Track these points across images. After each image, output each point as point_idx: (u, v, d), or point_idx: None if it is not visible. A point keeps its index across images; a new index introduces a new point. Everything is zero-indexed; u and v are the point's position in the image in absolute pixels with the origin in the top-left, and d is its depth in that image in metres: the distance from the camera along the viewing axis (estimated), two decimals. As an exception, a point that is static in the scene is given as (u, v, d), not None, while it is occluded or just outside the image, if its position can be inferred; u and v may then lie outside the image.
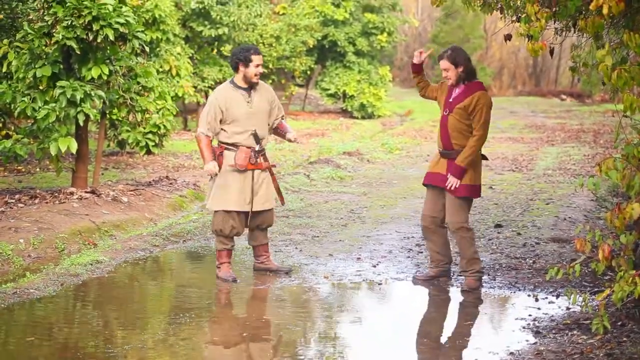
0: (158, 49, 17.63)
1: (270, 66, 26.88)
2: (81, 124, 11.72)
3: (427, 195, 8.66)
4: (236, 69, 8.63)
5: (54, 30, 11.14)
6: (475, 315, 7.83)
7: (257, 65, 8.57)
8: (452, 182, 8.25)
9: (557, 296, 8.13)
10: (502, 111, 33.61)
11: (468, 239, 8.38)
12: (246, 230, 9.01)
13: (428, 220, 8.62)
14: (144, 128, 14.97)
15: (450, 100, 8.36)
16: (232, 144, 8.56)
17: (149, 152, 15.63)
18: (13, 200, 11.31)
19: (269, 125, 8.76)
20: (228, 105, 8.50)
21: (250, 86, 8.63)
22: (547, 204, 12.99)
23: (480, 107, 8.19)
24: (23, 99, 11.18)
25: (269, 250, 9.11)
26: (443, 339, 7.15)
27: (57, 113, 11.01)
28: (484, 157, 8.53)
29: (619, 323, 6.79)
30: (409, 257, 9.74)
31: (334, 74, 29.09)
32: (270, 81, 27.48)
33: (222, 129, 8.57)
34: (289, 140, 8.86)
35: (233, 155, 8.56)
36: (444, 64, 8.29)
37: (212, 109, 8.52)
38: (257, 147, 8.59)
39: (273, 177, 8.86)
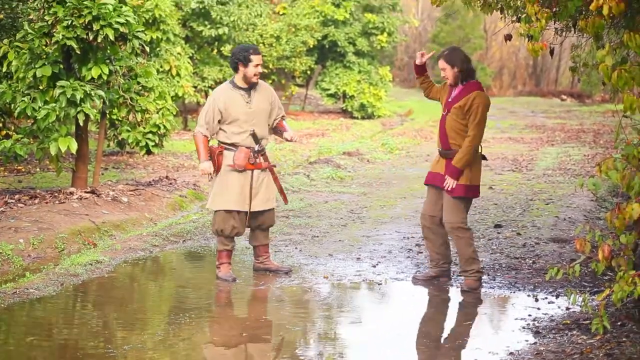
0: (158, 49, 17.61)
1: (271, 66, 26.87)
2: (81, 123, 11.72)
3: (428, 194, 8.68)
4: (236, 69, 8.61)
5: (54, 30, 11.14)
6: (475, 315, 7.83)
7: (257, 65, 8.54)
8: (449, 182, 8.26)
9: (557, 296, 8.13)
10: (502, 111, 33.64)
11: (465, 239, 8.37)
12: (247, 231, 9.01)
13: (427, 219, 8.64)
14: (144, 128, 14.97)
15: (450, 100, 8.39)
16: (232, 144, 8.54)
17: (149, 152, 15.62)
18: (13, 200, 11.31)
19: (269, 125, 8.76)
20: (227, 106, 8.49)
21: (250, 86, 8.62)
22: (547, 204, 12.99)
23: (476, 107, 8.19)
24: (23, 98, 11.17)
25: (269, 250, 9.11)
26: (443, 339, 7.15)
27: (57, 113, 11.00)
28: (484, 157, 8.53)
29: (619, 323, 6.78)
30: (408, 257, 9.74)
31: (334, 74, 29.09)
32: (270, 81, 27.49)
33: (221, 128, 8.56)
34: (287, 140, 8.86)
35: (232, 155, 8.54)
36: (441, 63, 8.35)
37: (211, 109, 8.51)
38: (256, 147, 8.57)
39: (274, 176, 8.85)
